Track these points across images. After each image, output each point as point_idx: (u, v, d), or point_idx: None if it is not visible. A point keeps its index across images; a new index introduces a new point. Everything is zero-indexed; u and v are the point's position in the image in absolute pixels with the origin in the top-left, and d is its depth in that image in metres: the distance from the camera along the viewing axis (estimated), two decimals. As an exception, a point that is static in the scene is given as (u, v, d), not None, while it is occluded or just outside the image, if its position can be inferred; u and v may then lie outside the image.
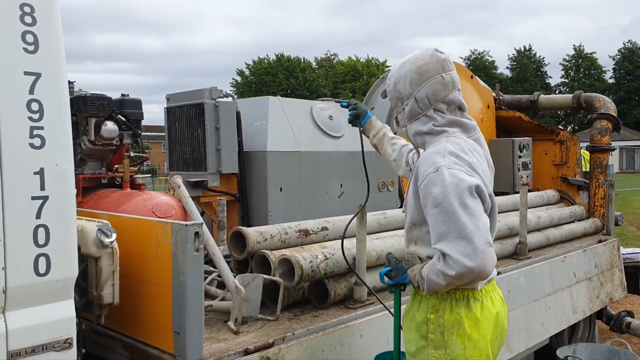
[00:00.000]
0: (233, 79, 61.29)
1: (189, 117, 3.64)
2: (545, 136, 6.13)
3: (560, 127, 57.55)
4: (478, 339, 2.09)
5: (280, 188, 3.73)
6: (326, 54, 66.90)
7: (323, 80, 57.83)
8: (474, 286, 2.12)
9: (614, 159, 46.73)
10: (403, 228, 3.70)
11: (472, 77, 5.84)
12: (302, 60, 60.31)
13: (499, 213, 2.68)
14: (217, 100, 3.56)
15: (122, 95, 3.35)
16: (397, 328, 2.38)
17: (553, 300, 4.27)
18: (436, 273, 2.00)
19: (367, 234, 3.54)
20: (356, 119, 2.85)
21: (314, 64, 62.82)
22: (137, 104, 3.38)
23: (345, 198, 4.18)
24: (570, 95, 6.22)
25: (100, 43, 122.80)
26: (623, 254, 5.83)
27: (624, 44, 64.89)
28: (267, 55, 59.37)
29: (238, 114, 3.68)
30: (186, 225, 2.17)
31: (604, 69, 65.44)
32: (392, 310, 2.46)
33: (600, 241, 5.17)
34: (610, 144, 5.75)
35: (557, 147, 6.07)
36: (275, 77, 55.75)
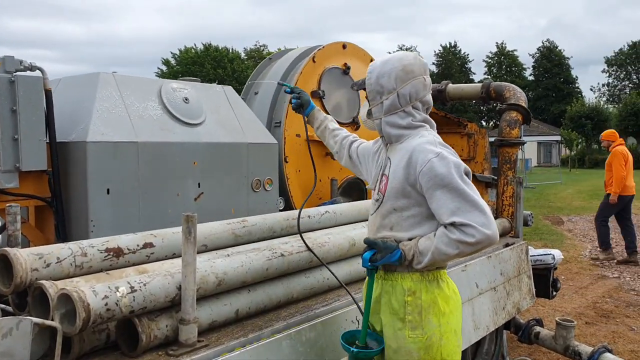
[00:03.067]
0: (158, 68, 59.24)
1: (-22, 96, 2.74)
2: (452, 129, 5.60)
3: (482, 122, 59.44)
4: (449, 315, 2.30)
5: (108, 189, 2.90)
6: (255, 45, 65.64)
7: (252, 71, 56.68)
8: (442, 267, 2.34)
9: (532, 153, 48.45)
10: (267, 239, 3.02)
11: (372, 61, 5.19)
12: (230, 51, 58.88)
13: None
14: (15, 74, 2.68)
15: None
16: (368, 310, 2.39)
17: (451, 318, 3.67)
18: (448, 243, 2.14)
19: (217, 248, 2.81)
20: (300, 108, 2.97)
21: (243, 54, 61.50)
22: None
23: (204, 200, 3.40)
24: (480, 84, 5.71)
25: (14, 28, 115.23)
26: (533, 256, 5.37)
27: (543, 43, 67.57)
28: (195, 45, 57.64)
29: (49, 93, 2.81)
30: None
31: (524, 66, 67.90)
32: (359, 304, 2.61)
33: (507, 245, 4.66)
34: (521, 137, 5.27)
35: (465, 140, 5.55)
36: (202, 67, 54.23)
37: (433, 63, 67.32)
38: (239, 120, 3.71)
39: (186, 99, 3.41)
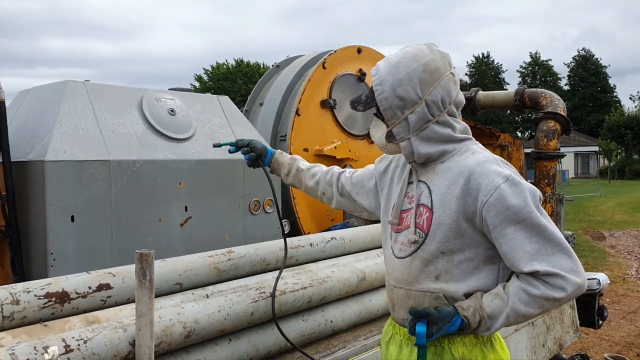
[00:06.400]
0: (191, 84, 60.03)
1: None
2: (483, 140, 5.05)
3: (517, 133, 58.11)
4: None
5: (72, 217, 2.48)
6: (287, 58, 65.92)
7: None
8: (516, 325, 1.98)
9: (569, 165, 47.02)
10: (260, 272, 2.58)
11: (391, 66, 4.72)
12: (261, 66, 59.34)
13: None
14: (-41, 83, 2.31)
15: None
16: None
17: (482, 362, 3.13)
18: (528, 301, 1.68)
19: (195, 287, 2.36)
20: (257, 161, 2.36)
21: (271, 69, 61.73)
22: None
23: (193, 226, 2.97)
24: (513, 91, 5.18)
25: (52, 48, 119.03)
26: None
27: (579, 52, 65.94)
28: (226, 61, 58.32)
29: (1, 106, 2.43)
30: None
31: (559, 76, 66.35)
32: None
33: (547, 272, 4.09)
34: (559, 148, 4.71)
35: (497, 153, 5.01)
36: (234, 82, 54.70)
37: (466, 74, 66.39)
38: (234, 134, 3.27)
39: (172, 111, 2.99)
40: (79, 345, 1.69)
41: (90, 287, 2.01)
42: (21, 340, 1.72)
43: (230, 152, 2.41)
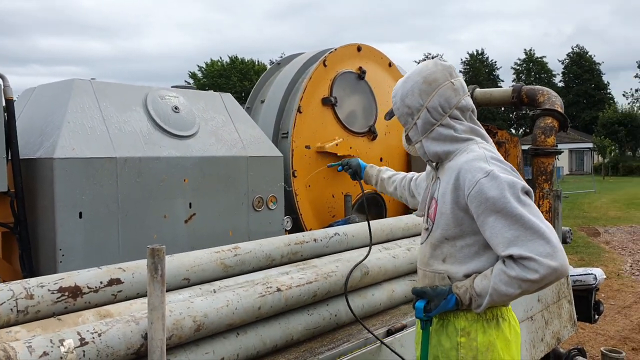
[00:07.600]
0: (185, 81, 59.93)
1: None
2: (481, 137, 5.10)
3: (512, 130, 58.24)
4: None
5: (80, 213, 2.52)
6: (281, 57, 65.92)
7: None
8: (504, 304, 2.04)
9: (564, 161, 47.22)
10: (265, 268, 2.63)
11: (390, 65, 4.75)
12: (256, 63, 59.29)
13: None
14: (-32, 81, 2.33)
15: None
16: None
17: (482, 356, 3.18)
18: (507, 282, 1.86)
19: (203, 282, 2.39)
20: (355, 175, 2.90)
21: (269, 66, 61.78)
22: None
23: (197, 222, 3.00)
24: (510, 88, 5.23)
25: (45, 47, 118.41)
26: (572, 276, 4.84)
27: (573, 49, 66.13)
28: (221, 58, 58.25)
29: (9, 103, 2.46)
30: None
31: (553, 73, 66.54)
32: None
33: (545, 267, 4.14)
34: (557, 145, 4.76)
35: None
36: (228, 79, 54.72)
37: (460, 71, 66.31)
38: (237, 131, 3.31)
39: (176, 108, 3.02)
40: (93, 338, 1.72)
41: (101, 282, 2.04)
42: (36, 334, 1.76)
43: (338, 170, 2.95)
